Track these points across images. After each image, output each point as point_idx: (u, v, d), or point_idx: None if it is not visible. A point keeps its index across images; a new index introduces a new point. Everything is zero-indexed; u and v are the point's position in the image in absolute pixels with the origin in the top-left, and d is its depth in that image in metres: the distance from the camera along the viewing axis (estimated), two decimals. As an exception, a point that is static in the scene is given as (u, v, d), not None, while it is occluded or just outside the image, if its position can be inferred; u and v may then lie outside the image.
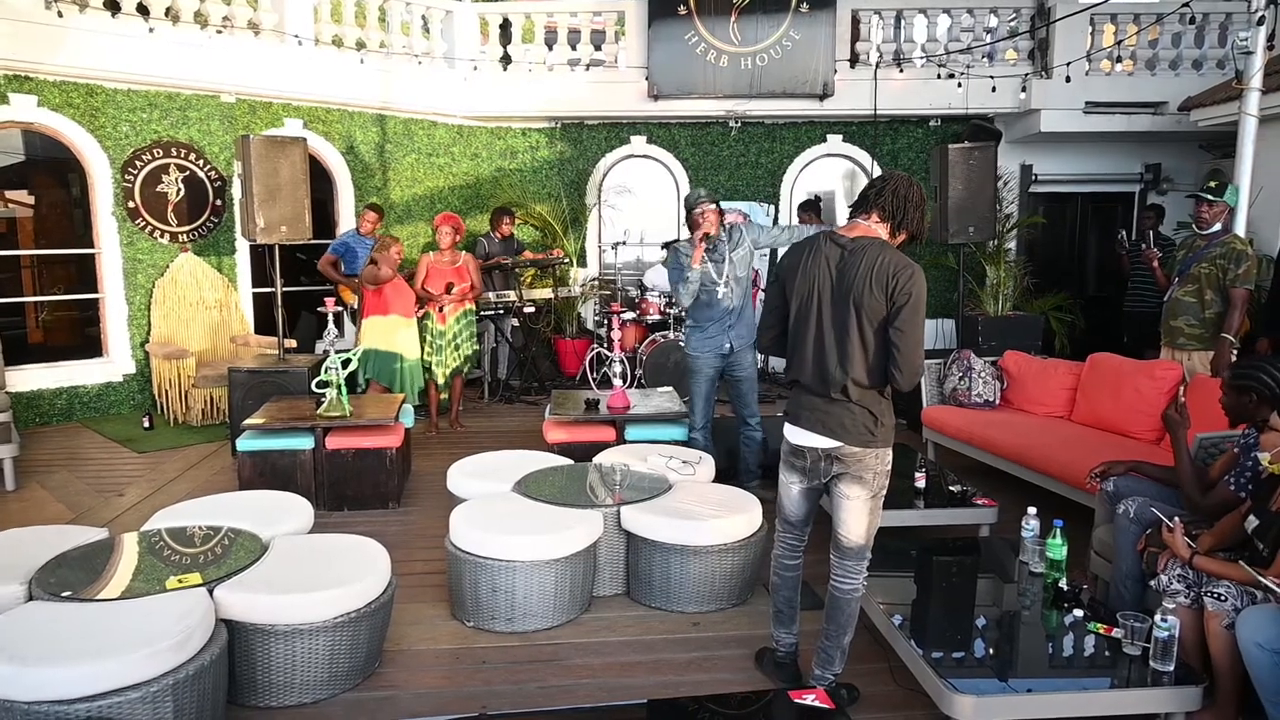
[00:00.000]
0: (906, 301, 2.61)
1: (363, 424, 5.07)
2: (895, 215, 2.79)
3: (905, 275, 2.63)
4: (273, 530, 3.50)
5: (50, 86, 6.94)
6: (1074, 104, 8.66)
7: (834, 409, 2.78)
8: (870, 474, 2.81)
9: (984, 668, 2.76)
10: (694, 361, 4.98)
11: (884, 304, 2.65)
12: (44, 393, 7.11)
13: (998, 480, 5.04)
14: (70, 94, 7.04)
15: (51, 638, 2.55)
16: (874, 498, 2.84)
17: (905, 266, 2.65)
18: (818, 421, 2.82)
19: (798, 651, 3.17)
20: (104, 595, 2.85)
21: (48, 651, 2.47)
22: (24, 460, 5.70)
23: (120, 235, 7.39)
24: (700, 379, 4.98)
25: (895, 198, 2.78)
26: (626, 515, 3.82)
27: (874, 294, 2.65)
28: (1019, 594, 3.28)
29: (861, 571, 2.90)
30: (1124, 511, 3.33)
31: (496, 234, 8.09)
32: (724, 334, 4.89)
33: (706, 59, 8.87)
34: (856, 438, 2.77)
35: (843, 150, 9.68)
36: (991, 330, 7.59)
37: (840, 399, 2.75)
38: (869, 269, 2.67)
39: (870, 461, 2.80)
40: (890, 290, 2.63)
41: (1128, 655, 2.76)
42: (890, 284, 2.63)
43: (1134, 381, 4.88)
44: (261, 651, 2.95)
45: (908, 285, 2.62)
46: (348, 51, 8.28)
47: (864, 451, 2.78)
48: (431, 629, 3.60)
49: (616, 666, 3.32)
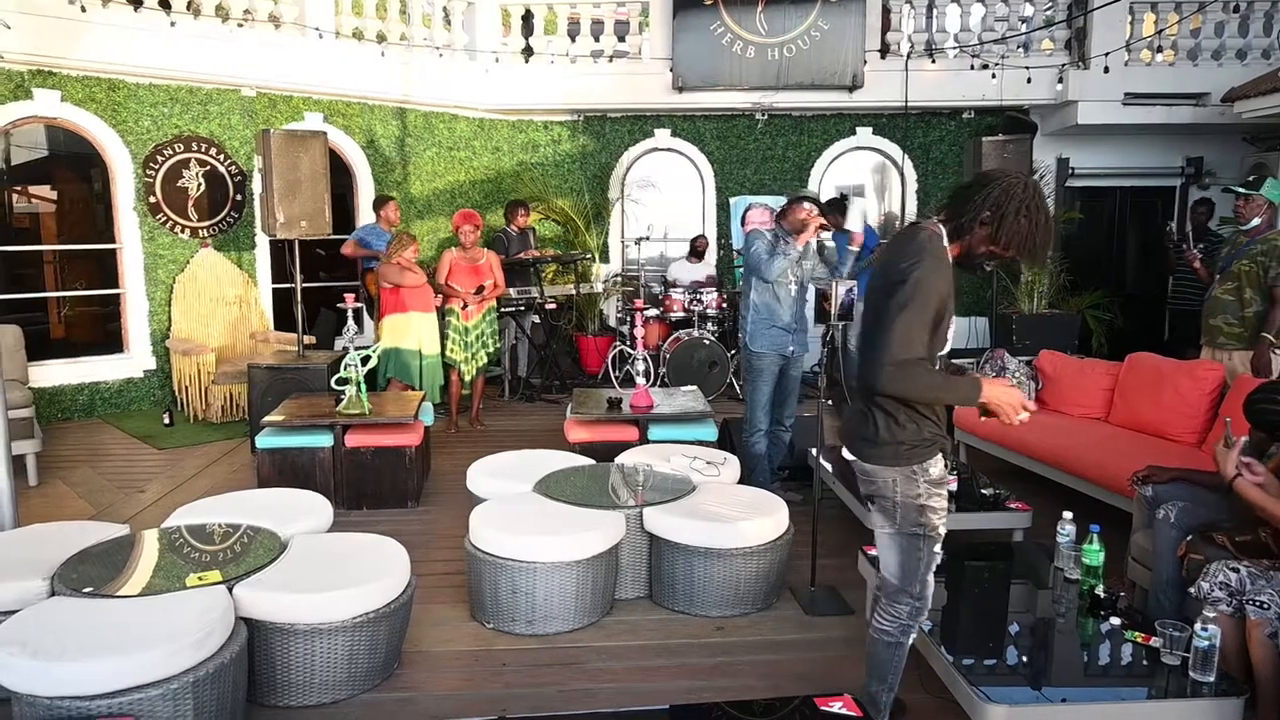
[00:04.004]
0: (899, 287, 2.33)
1: (382, 422, 5.11)
2: (956, 216, 2.44)
3: (911, 262, 2.35)
4: (292, 528, 3.53)
5: (73, 81, 7.06)
6: (1112, 95, 8.55)
7: (850, 414, 2.63)
8: (890, 503, 2.51)
9: (1017, 676, 2.73)
10: (757, 360, 4.88)
11: (884, 290, 2.39)
12: (66, 388, 7.24)
13: (1032, 483, 4.99)
14: (93, 89, 7.15)
15: (73, 633, 2.59)
16: (901, 535, 2.52)
17: (917, 254, 2.37)
18: (840, 427, 2.70)
19: None
20: (125, 592, 2.90)
21: (70, 647, 2.51)
22: (46, 456, 5.80)
23: (141, 230, 7.49)
24: (763, 379, 4.89)
25: (963, 196, 2.44)
26: (649, 517, 3.82)
27: (880, 281, 2.44)
28: (1053, 601, 3.24)
29: (897, 615, 2.61)
30: (1164, 516, 3.28)
31: (513, 226, 8.13)
32: (789, 335, 4.87)
33: (732, 50, 8.84)
34: (854, 445, 2.56)
35: (873, 143, 9.62)
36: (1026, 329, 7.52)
37: (857, 403, 2.58)
38: (889, 254, 2.48)
39: (885, 485, 2.50)
40: (891, 273, 2.38)
41: (1166, 665, 2.72)
42: (895, 266, 2.38)
43: (1174, 382, 4.80)
44: (281, 650, 2.98)
45: (909, 269, 2.33)
46: (368, 44, 8.34)
47: (875, 470, 2.51)
48: (451, 630, 3.62)
49: (638, 671, 3.32)
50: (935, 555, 2.57)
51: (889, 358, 2.32)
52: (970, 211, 2.41)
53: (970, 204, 2.41)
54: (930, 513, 2.50)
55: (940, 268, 2.39)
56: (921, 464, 2.48)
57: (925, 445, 2.48)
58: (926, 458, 2.49)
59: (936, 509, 2.52)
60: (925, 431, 2.48)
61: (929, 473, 2.49)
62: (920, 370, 2.35)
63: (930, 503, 2.50)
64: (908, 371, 2.33)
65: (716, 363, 7.84)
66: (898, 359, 2.31)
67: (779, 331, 4.84)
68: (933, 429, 2.50)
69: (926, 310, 2.34)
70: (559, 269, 8.90)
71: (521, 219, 8.15)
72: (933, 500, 2.50)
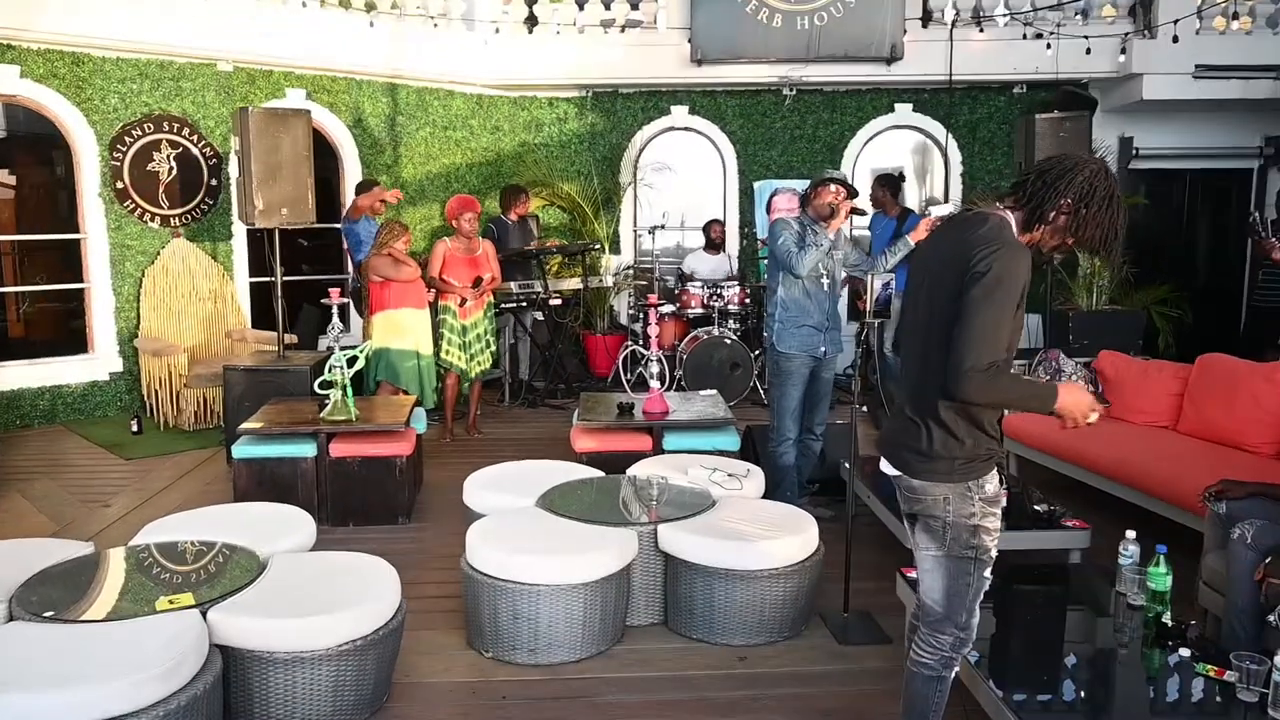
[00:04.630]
0: (979, 279, 2.28)
1: (370, 429, 5.13)
2: (1030, 200, 2.40)
3: (987, 250, 2.30)
4: (271, 547, 3.54)
5: (33, 55, 7.13)
6: (1182, 68, 8.48)
7: (894, 422, 2.62)
8: (939, 523, 2.48)
9: (1074, 713, 2.72)
10: (786, 362, 4.86)
11: (957, 285, 2.34)
12: (25, 392, 7.30)
13: (1091, 498, 4.96)
14: (55, 63, 7.22)
15: (32, 662, 2.61)
16: (950, 558, 2.50)
17: (992, 242, 2.32)
18: (881, 437, 2.70)
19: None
20: (89, 616, 2.91)
21: (28, 677, 2.53)
22: (3, 466, 5.87)
23: (107, 219, 7.56)
24: (791, 383, 4.88)
25: (1040, 180, 2.39)
26: (664, 535, 3.81)
27: (949, 275, 2.38)
28: (1115, 629, 3.22)
29: (939, 647, 2.58)
30: (1239, 536, 3.26)
31: (510, 215, 8.11)
32: (820, 335, 4.85)
33: (757, 18, 8.83)
34: (898, 458, 2.53)
35: (913, 121, 9.59)
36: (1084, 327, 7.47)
37: (905, 412, 2.55)
38: (954, 245, 2.42)
39: (935, 503, 2.47)
40: (964, 267, 2.33)
41: (1242, 701, 2.69)
42: (967, 258, 2.33)
43: (1250, 386, 4.77)
44: (259, 681, 2.99)
45: (988, 259, 2.29)
46: (355, 13, 8.37)
47: (924, 486, 2.48)
48: (445, 659, 3.63)
49: (653, 705, 3.31)
50: (985, 581, 2.55)
51: (976, 361, 2.27)
52: (1052, 198, 2.38)
53: (1052, 190, 2.38)
54: (984, 534, 2.48)
55: (1021, 255, 2.36)
56: (977, 480, 2.46)
57: (982, 460, 2.47)
58: (982, 473, 2.48)
59: (990, 530, 2.50)
60: (983, 445, 2.46)
61: (984, 489, 2.48)
62: (1008, 376, 2.35)
63: (984, 523, 2.48)
64: (996, 377, 2.30)
65: (739, 364, 7.84)
66: (984, 362, 2.28)
67: (810, 330, 4.83)
68: (990, 442, 2.48)
69: (1011, 304, 2.31)
70: (564, 261, 8.91)
71: (520, 207, 8.14)
72: (986, 520, 2.49)
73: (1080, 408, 2.40)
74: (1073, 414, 2.40)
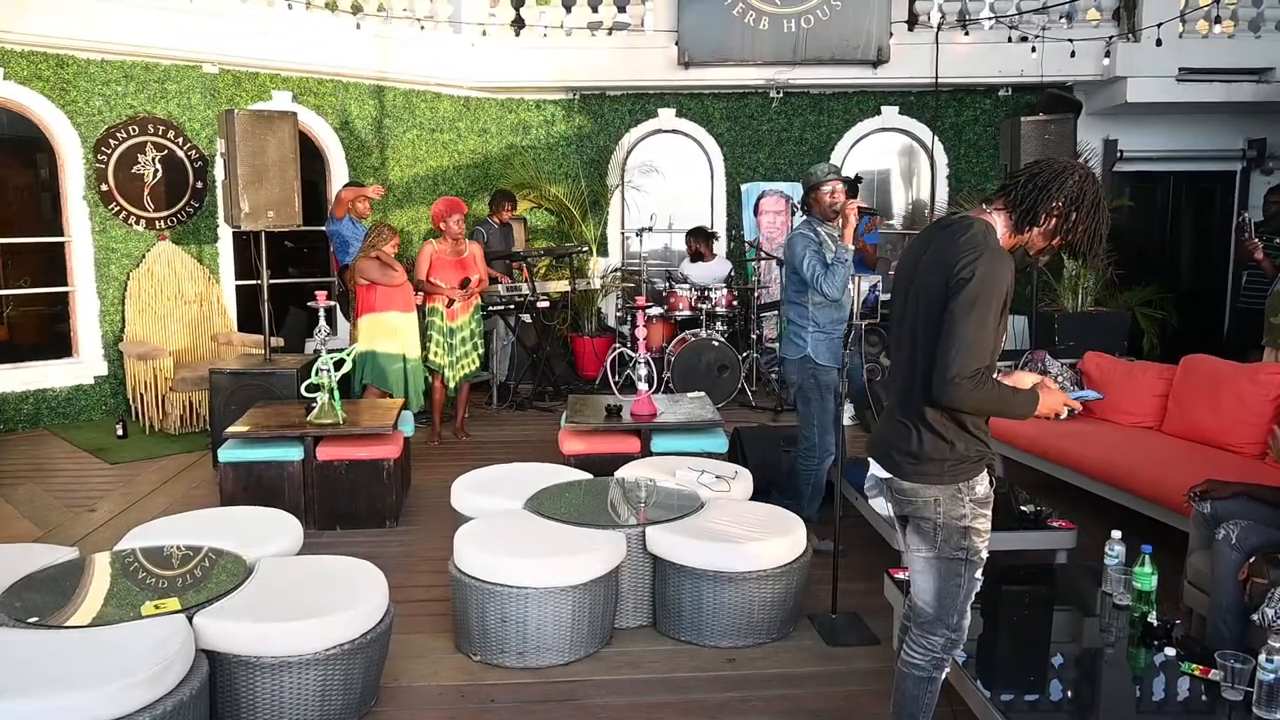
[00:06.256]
0: (962, 286, 2.32)
1: (358, 432, 5.11)
2: (1022, 203, 2.43)
3: (971, 257, 2.34)
4: (258, 551, 3.53)
5: (16, 57, 7.08)
6: (1165, 71, 8.55)
7: (884, 425, 2.64)
8: (930, 524, 2.52)
9: (1061, 713, 2.73)
10: (825, 375, 4.67)
11: (942, 291, 2.38)
12: (9, 396, 7.25)
13: (1076, 499, 4.98)
14: (39, 65, 7.17)
15: (16, 668, 2.59)
16: (940, 559, 2.53)
17: (975, 248, 2.36)
18: (871, 439, 2.72)
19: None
20: (74, 622, 2.90)
21: (11, 683, 2.51)
22: (-14, 471, 5.82)
23: (92, 222, 7.51)
24: (830, 396, 4.70)
25: (1030, 183, 2.43)
26: (652, 537, 3.81)
27: (934, 280, 2.42)
28: (1101, 629, 3.24)
29: (929, 648, 2.61)
30: (1224, 536, 3.28)
31: (495, 219, 8.13)
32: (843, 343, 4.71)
33: (744, 21, 8.85)
34: (889, 461, 2.56)
35: (899, 124, 9.63)
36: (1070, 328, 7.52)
37: (894, 414, 2.59)
38: (938, 250, 2.45)
39: (926, 505, 2.50)
40: (948, 273, 2.37)
41: (1227, 700, 2.71)
42: (951, 265, 2.37)
43: (1234, 387, 4.80)
44: (246, 686, 2.97)
45: (971, 265, 2.32)
46: (342, 15, 8.36)
47: (915, 488, 2.51)
48: (434, 663, 3.62)
49: (642, 708, 3.32)
50: (976, 582, 2.58)
51: (962, 369, 2.32)
52: (1044, 201, 2.42)
53: (1044, 193, 2.41)
54: (974, 535, 2.52)
55: (1004, 261, 2.39)
56: (967, 481, 2.50)
57: (972, 461, 2.50)
58: (973, 474, 2.51)
59: (981, 531, 2.53)
60: (972, 447, 2.50)
61: (975, 491, 2.51)
62: (991, 382, 2.39)
63: (975, 524, 2.51)
64: (982, 384, 2.34)
65: (727, 366, 7.84)
66: (970, 370, 2.32)
67: (839, 340, 4.71)
68: (978, 444, 2.51)
69: (995, 311, 2.35)
70: (552, 263, 8.90)
71: (506, 212, 8.16)
72: (977, 522, 2.52)
73: (1055, 407, 2.50)
74: (1048, 414, 2.50)
